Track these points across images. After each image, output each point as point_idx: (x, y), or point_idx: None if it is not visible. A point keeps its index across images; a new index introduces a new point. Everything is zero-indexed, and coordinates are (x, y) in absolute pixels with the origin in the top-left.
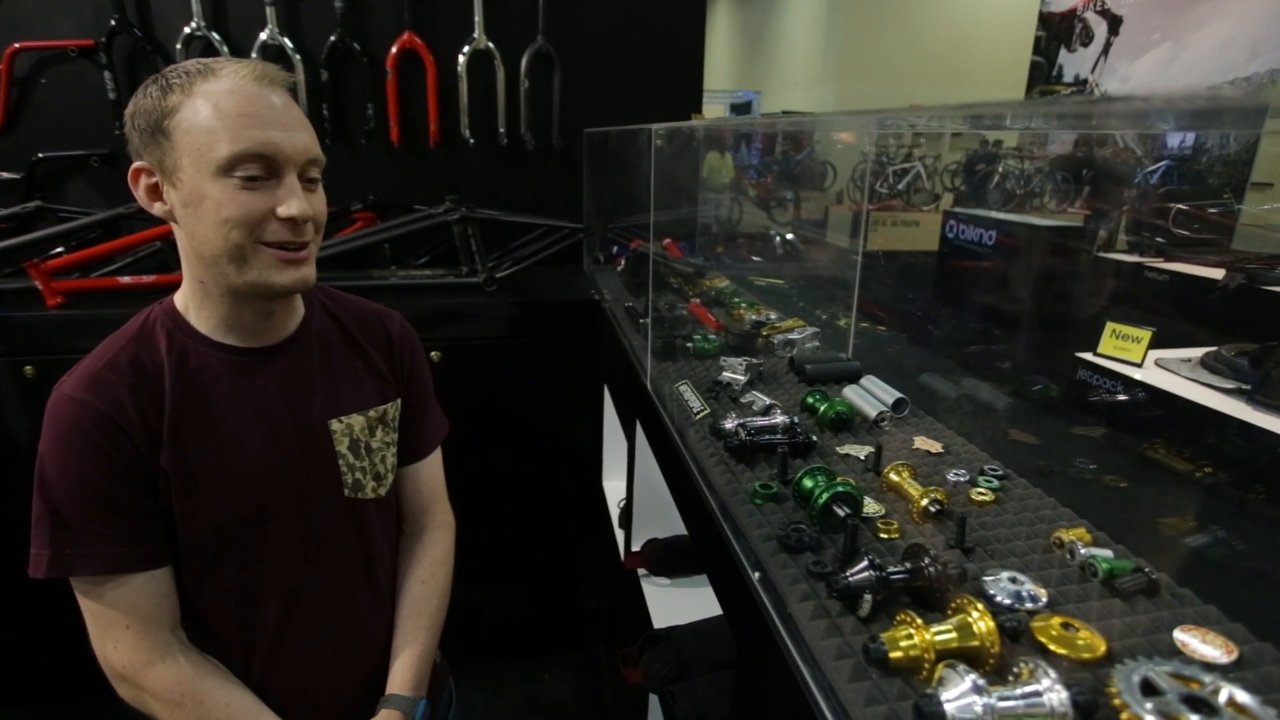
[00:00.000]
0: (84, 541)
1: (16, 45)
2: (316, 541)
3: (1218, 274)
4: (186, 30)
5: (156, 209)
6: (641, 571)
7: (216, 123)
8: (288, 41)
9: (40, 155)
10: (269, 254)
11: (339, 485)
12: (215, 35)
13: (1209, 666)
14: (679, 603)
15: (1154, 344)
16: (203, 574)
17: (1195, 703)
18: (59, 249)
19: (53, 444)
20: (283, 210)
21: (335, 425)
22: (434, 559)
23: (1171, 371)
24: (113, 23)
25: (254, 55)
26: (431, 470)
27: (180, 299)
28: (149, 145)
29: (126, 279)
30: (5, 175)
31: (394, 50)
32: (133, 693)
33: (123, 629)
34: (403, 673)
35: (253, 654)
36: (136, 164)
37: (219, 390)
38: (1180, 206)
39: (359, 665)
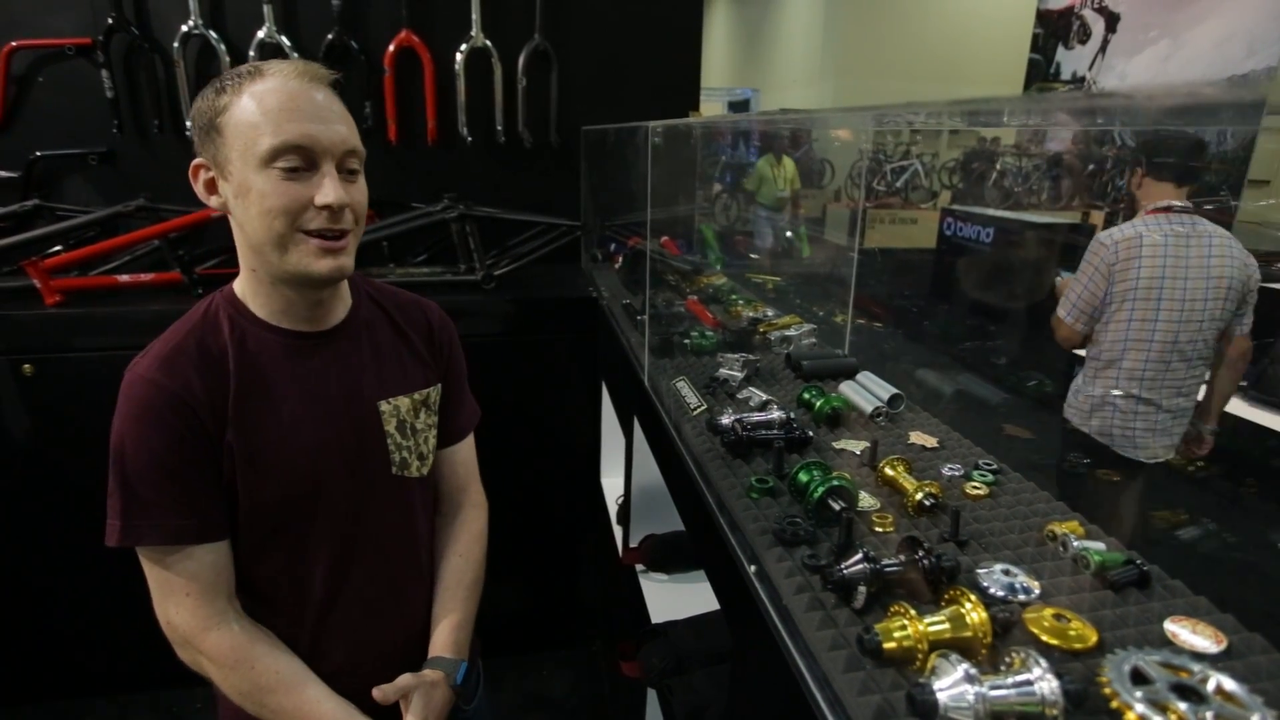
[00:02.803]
0: (153, 514)
1: (14, 43)
2: (364, 517)
3: None
4: (184, 29)
5: (213, 202)
6: (639, 567)
7: (261, 118)
8: (285, 39)
9: (38, 154)
10: (309, 243)
11: (387, 463)
12: (213, 34)
13: (1198, 656)
14: (677, 598)
15: None
16: (260, 546)
17: (1184, 691)
18: (57, 247)
19: (129, 421)
20: (320, 198)
21: (384, 406)
22: (471, 535)
23: None
24: (110, 21)
25: (251, 54)
26: (466, 454)
27: (239, 286)
28: (205, 142)
29: (125, 277)
30: (3, 174)
31: (391, 48)
32: (191, 655)
33: (184, 596)
34: (444, 638)
35: (302, 623)
36: (196, 160)
37: (277, 372)
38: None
39: (401, 637)
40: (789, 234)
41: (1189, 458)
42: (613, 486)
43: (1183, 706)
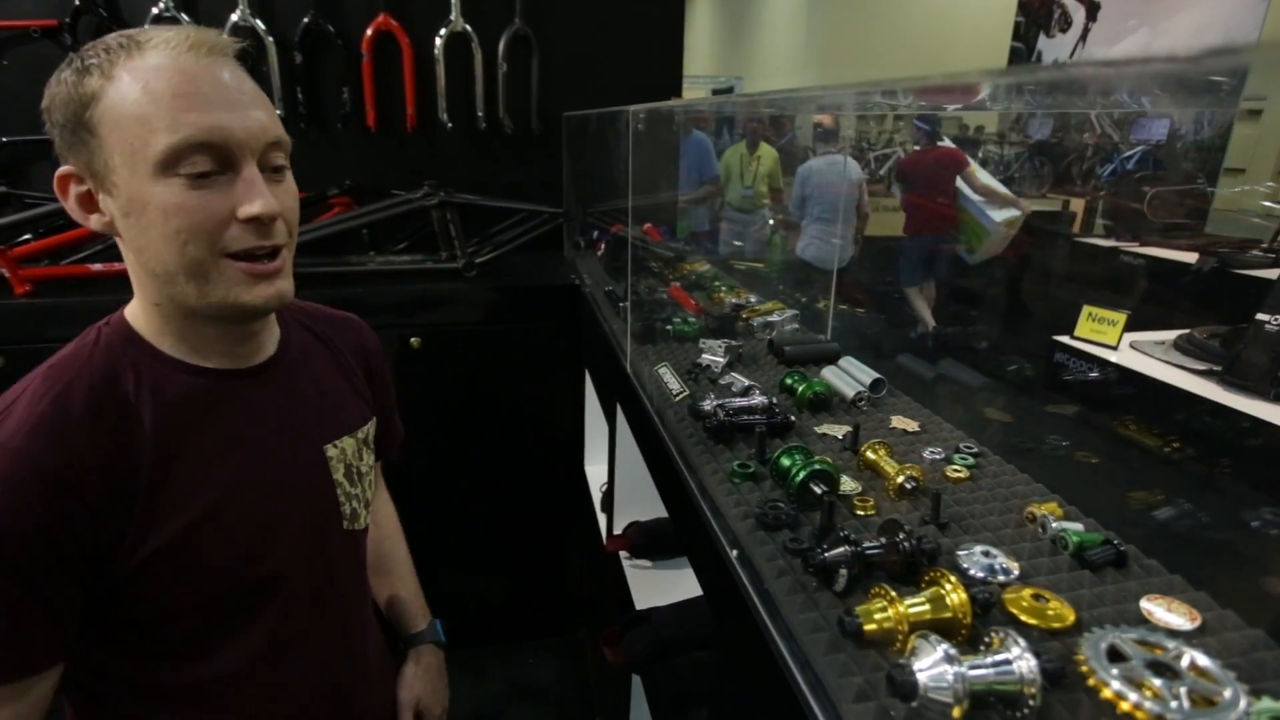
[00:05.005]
0: None
1: None
2: (322, 587)
3: (1191, 257)
4: (155, 10)
5: (93, 222)
6: (623, 554)
7: (148, 108)
8: (260, 23)
9: (4, 139)
10: (234, 267)
11: (339, 518)
12: (185, 16)
13: (1173, 633)
14: (660, 584)
15: (1129, 326)
16: (188, 648)
17: (1159, 667)
18: (26, 235)
19: None
20: (244, 210)
21: (331, 451)
22: (388, 516)
23: (1145, 354)
24: (77, 3)
25: (224, 36)
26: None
27: (136, 318)
28: (73, 145)
29: (97, 266)
30: None
31: (369, 32)
32: None
33: None
34: (415, 608)
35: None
36: (62, 169)
37: (210, 424)
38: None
39: (359, 691)
40: (759, 238)
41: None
42: (596, 474)
43: (1157, 683)
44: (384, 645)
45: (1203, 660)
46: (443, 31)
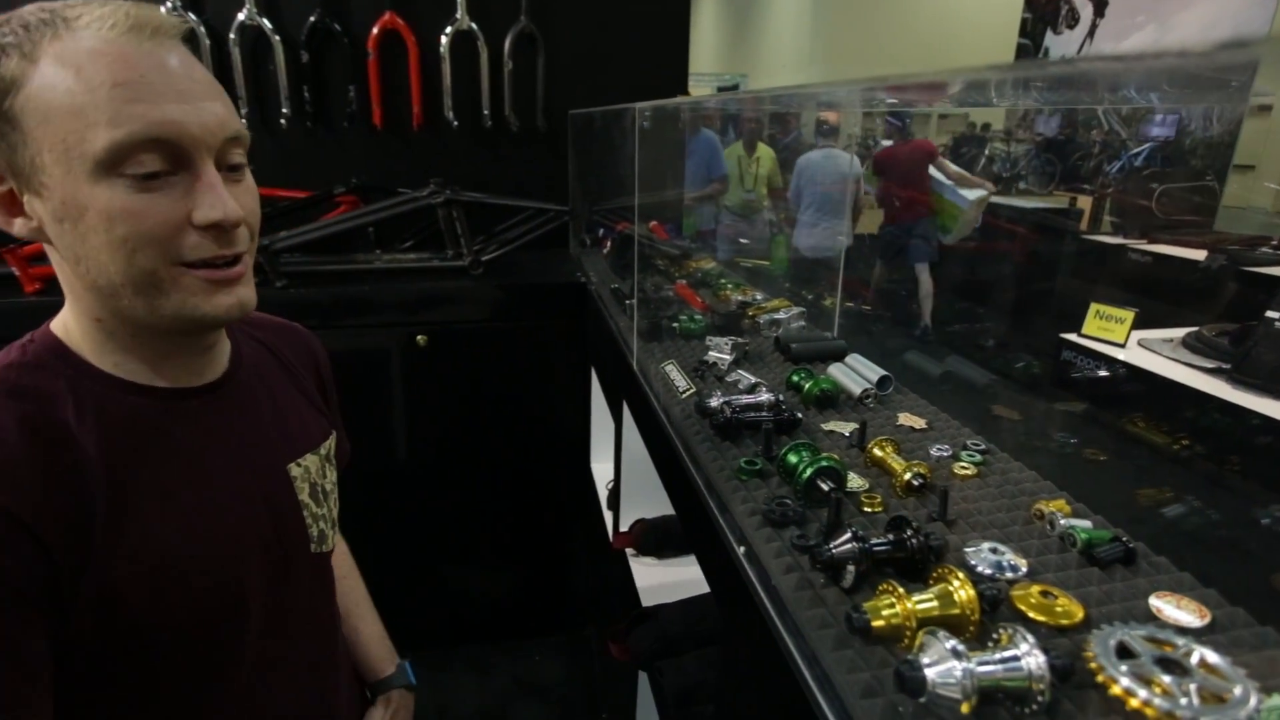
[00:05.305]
0: None
1: None
2: (290, 617)
3: (1200, 255)
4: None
5: (17, 227)
6: (630, 551)
7: (84, 98)
8: (266, 22)
9: None
10: (191, 276)
11: (306, 541)
12: (192, 16)
13: (1182, 630)
14: (666, 582)
15: (1137, 324)
16: (146, 692)
17: (1168, 664)
18: None
19: None
20: (203, 216)
21: (295, 470)
22: (347, 554)
23: (1154, 352)
24: None
25: (232, 36)
26: None
27: (68, 334)
28: None
29: None
30: None
31: (375, 31)
32: None
33: None
34: (381, 650)
35: None
36: None
37: (163, 448)
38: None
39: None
40: (763, 239)
41: None
42: (602, 472)
43: (1167, 679)
44: (354, 678)
45: (1212, 657)
46: (448, 30)
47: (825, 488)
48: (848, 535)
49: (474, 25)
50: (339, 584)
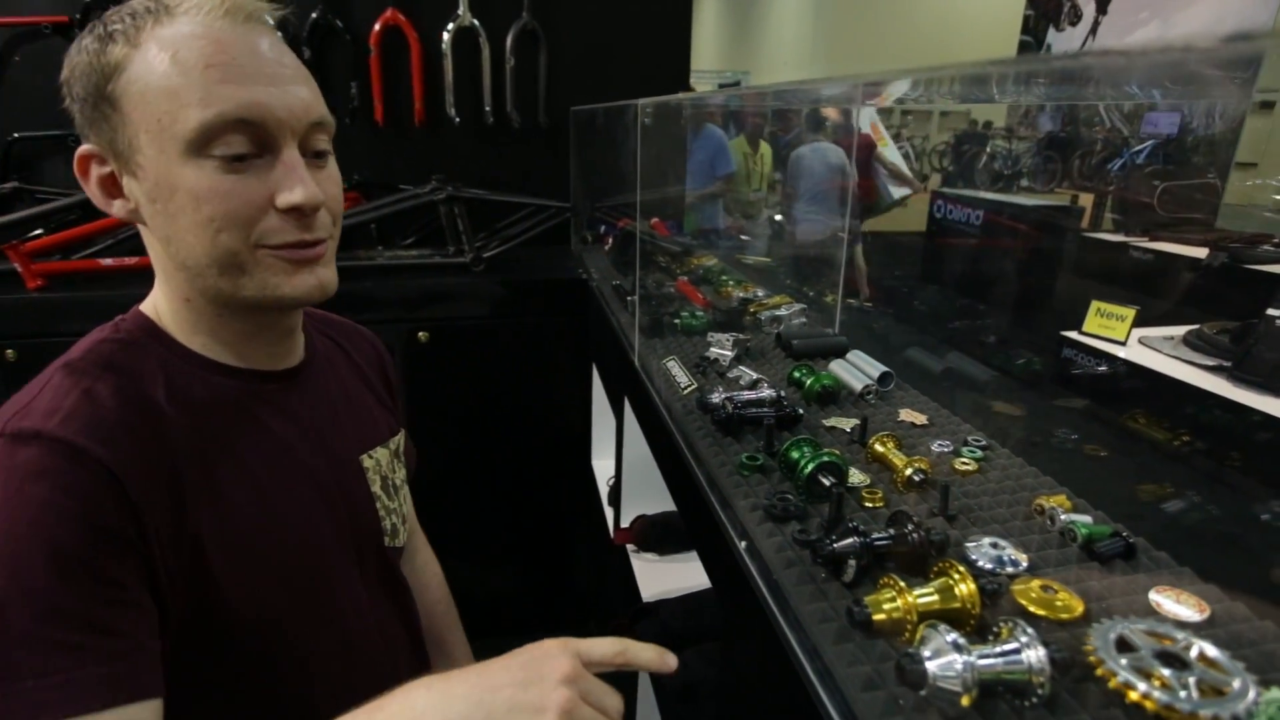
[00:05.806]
0: (47, 665)
1: None
2: (364, 610)
3: (1201, 253)
4: None
5: (116, 209)
6: (631, 547)
7: (179, 80)
8: (268, 19)
9: (16, 135)
10: (273, 257)
11: (379, 533)
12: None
13: (1182, 624)
14: (667, 577)
15: (1138, 322)
16: (231, 683)
17: (1168, 658)
18: (38, 230)
19: (15, 512)
20: (284, 198)
21: (367, 461)
22: (439, 578)
23: (1155, 349)
24: None
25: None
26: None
27: (160, 313)
28: (94, 121)
29: (108, 260)
30: None
31: (377, 27)
32: None
33: None
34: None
35: None
36: (82, 148)
37: (247, 428)
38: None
39: None
40: (768, 235)
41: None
42: (603, 468)
43: (1166, 672)
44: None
45: (1212, 651)
46: (450, 26)
47: (826, 483)
48: (849, 530)
49: (476, 22)
50: (434, 608)
